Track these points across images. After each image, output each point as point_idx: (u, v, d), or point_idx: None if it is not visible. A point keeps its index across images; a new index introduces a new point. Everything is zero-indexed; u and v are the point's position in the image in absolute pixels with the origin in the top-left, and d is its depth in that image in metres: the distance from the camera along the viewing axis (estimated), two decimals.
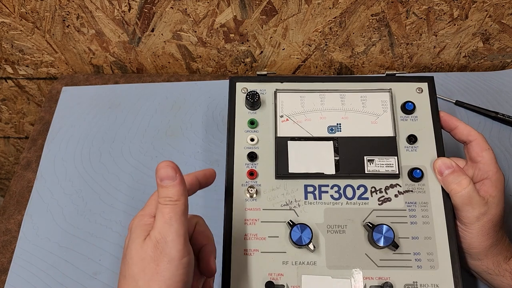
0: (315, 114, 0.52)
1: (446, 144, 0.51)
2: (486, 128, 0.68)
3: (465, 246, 0.48)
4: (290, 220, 0.47)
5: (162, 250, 0.36)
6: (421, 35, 0.71)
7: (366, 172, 0.49)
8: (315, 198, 0.49)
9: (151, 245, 0.36)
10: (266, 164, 0.50)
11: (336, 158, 0.50)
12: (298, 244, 0.45)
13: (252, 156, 0.50)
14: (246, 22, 0.69)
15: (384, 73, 0.56)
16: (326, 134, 0.51)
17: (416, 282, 0.46)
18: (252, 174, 0.50)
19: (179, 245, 0.36)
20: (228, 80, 0.54)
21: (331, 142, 0.50)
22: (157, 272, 0.36)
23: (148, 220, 0.39)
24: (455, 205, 0.47)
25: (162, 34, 0.72)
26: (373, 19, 0.68)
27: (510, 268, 0.47)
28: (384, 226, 0.46)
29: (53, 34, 0.73)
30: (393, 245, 0.46)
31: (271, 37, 0.72)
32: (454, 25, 0.69)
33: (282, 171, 0.49)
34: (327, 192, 0.49)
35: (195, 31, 0.71)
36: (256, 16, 0.68)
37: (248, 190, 0.49)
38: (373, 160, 0.50)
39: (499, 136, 0.67)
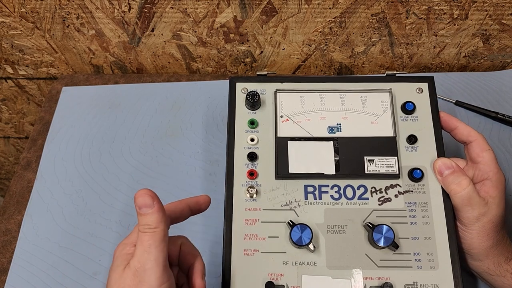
0: (315, 114, 0.52)
1: (446, 144, 0.51)
2: (486, 128, 0.68)
3: (466, 247, 0.48)
4: (290, 220, 0.47)
5: (140, 279, 0.36)
6: (421, 35, 0.71)
7: (366, 172, 0.49)
8: (315, 198, 0.49)
9: (130, 274, 0.37)
10: (266, 164, 0.50)
11: (336, 158, 0.50)
12: (298, 244, 0.45)
13: (252, 156, 0.50)
14: (246, 22, 0.69)
15: (384, 73, 0.56)
16: (326, 134, 0.51)
17: (416, 282, 0.46)
18: (252, 174, 0.50)
19: (157, 273, 0.36)
20: (228, 80, 0.54)
21: (331, 142, 0.50)
22: None
23: (130, 250, 0.39)
24: (455, 206, 0.47)
25: (162, 34, 0.72)
26: (373, 19, 0.68)
27: (511, 269, 0.47)
28: (384, 226, 0.46)
29: (53, 34, 0.73)
30: (393, 245, 0.46)
31: (271, 37, 0.72)
32: (454, 25, 0.69)
33: (282, 171, 0.49)
34: (327, 192, 0.49)
35: (195, 31, 0.71)
36: (256, 16, 0.68)
37: (248, 190, 0.49)
38: (373, 160, 0.50)
39: (499, 136, 0.67)
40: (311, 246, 0.46)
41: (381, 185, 0.49)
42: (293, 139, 0.51)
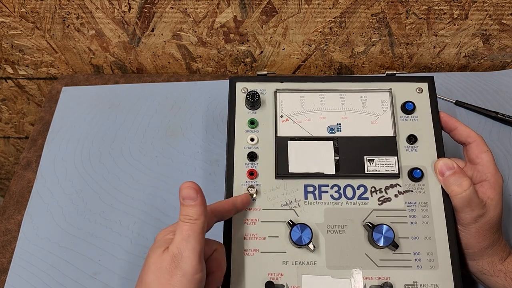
0: (315, 114, 0.52)
1: (446, 145, 0.51)
2: (486, 128, 0.68)
3: (462, 246, 0.48)
4: (290, 220, 0.47)
5: (177, 264, 0.38)
6: (421, 35, 0.71)
7: (366, 172, 0.49)
8: (315, 198, 0.49)
9: (168, 258, 0.38)
10: (266, 164, 0.50)
11: (336, 158, 0.50)
12: (298, 244, 0.45)
13: (252, 156, 0.50)
14: (246, 22, 0.70)
15: (384, 73, 0.56)
16: (326, 134, 0.51)
17: (416, 282, 0.46)
18: (252, 174, 0.50)
19: (194, 261, 0.38)
20: (228, 80, 0.54)
21: (331, 142, 0.50)
22: (170, 284, 0.38)
23: (171, 236, 0.41)
24: (455, 207, 0.47)
25: (162, 34, 0.72)
26: (373, 19, 0.68)
27: (504, 269, 0.47)
28: (384, 226, 0.46)
29: (53, 34, 0.73)
30: (393, 245, 0.46)
31: (271, 37, 0.72)
32: (454, 25, 0.69)
33: (282, 171, 0.49)
34: (327, 192, 0.49)
35: (195, 31, 0.71)
36: (256, 16, 0.68)
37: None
38: (373, 160, 0.50)
39: (499, 136, 0.67)
40: (311, 245, 0.46)
41: (381, 185, 0.49)
42: (293, 139, 0.51)
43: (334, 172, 0.49)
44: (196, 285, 0.38)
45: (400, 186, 0.49)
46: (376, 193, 0.49)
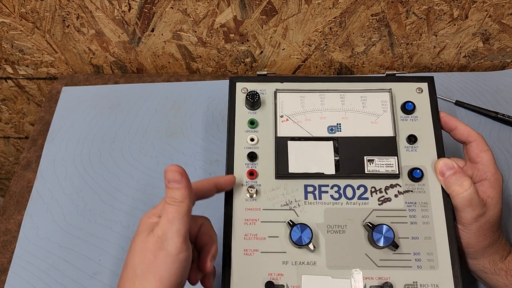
0: (315, 114, 0.52)
1: (446, 144, 0.51)
2: (486, 128, 0.68)
3: (463, 246, 0.48)
4: (290, 220, 0.47)
5: (161, 245, 0.39)
6: (421, 35, 0.71)
7: (366, 172, 0.49)
8: (315, 198, 0.49)
9: (153, 240, 0.40)
10: (266, 164, 0.50)
11: (336, 158, 0.50)
12: (298, 244, 0.45)
13: (252, 156, 0.50)
14: (246, 22, 0.70)
15: (384, 73, 0.56)
16: (326, 134, 0.51)
17: (416, 282, 0.46)
18: (252, 174, 0.50)
19: (177, 243, 0.39)
20: (228, 80, 0.54)
21: (331, 142, 0.50)
22: (154, 264, 0.39)
23: (155, 219, 0.42)
24: (455, 206, 0.47)
25: (162, 34, 0.72)
26: (373, 19, 0.68)
27: (505, 267, 0.48)
28: (384, 226, 0.46)
29: (53, 34, 0.73)
30: (393, 245, 0.46)
31: (271, 37, 0.72)
32: (454, 25, 0.69)
33: (282, 171, 0.49)
34: (327, 192, 0.49)
35: (195, 31, 0.71)
36: (256, 16, 0.68)
37: (248, 190, 0.49)
38: (373, 160, 0.50)
39: (499, 136, 0.67)
40: (311, 246, 0.46)
41: (381, 185, 0.49)
42: (293, 139, 0.51)
43: (334, 172, 0.49)
44: (180, 264, 0.39)
45: (400, 186, 0.49)
46: (376, 193, 0.49)
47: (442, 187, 0.48)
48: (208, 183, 0.46)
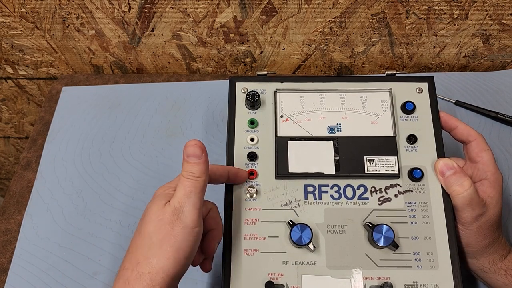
0: (315, 114, 0.52)
1: (446, 144, 0.51)
2: (486, 128, 0.68)
3: (462, 245, 0.48)
4: (290, 220, 0.47)
5: (178, 217, 0.40)
6: (421, 35, 0.71)
7: (366, 172, 0.49)
8: (315, 198, 0.49)
9: (170, 210, 0.40)
10: (266, 164, 0.50)
11: (336, 158, 0.50)
12: (298, 244, 0.45)
13: (252, 156, 0.50)
14: (246, 22, 0.70)
15: (384, 73, 0.56)
16: (326, 134, 0.51)
17: (416, 282, 0.46)
18: (252, 174, 0.50)
19: (194, 216, 0.40)
20: (228, 80, 0.54)
21: (331, 142, 0.50)
22: (170, 234, 0.39)
23: (171, 191, 0.43)
24: (455, 206, 0.47)
25: (162, 34, 0.72)
26: (373, 19, 0.68)
27: (505, 267, 0.48)
28: (384, 226, 0.46)
29: (53, 34, 0.73)
30: (393, 245, 0.46)
31: (271, 37, 0.72)
32: (454, 25, 0.69)
33: (282, 171, 0.49)
34: (327, 192, 0.49)
35: (195, 31, 0.71)
36: (256, 16, 0.68)
37: (248, 190, 0.49)
38: (373, 160, 0.50)
39: (499, 136, 0.67)
40: (311, 245, 0.46)
41: (381, 184, 0.49)
42: (293, 139, 0.51)
43: (334, 172, 0.49)
44: (194, 238, 0.40)
45: (400, 186, 0.49)
46: (376, 193, 0.49)
47: (442, 187, 0.48)
48: (222, 169, 0.47)
